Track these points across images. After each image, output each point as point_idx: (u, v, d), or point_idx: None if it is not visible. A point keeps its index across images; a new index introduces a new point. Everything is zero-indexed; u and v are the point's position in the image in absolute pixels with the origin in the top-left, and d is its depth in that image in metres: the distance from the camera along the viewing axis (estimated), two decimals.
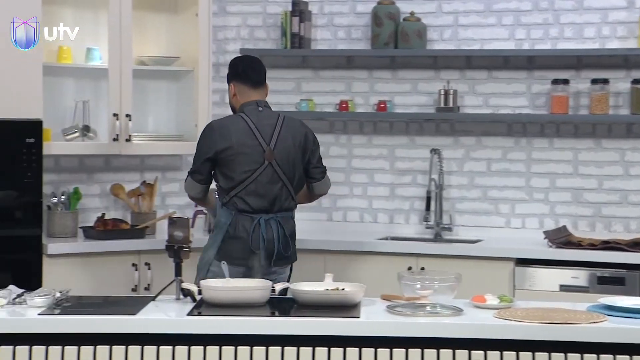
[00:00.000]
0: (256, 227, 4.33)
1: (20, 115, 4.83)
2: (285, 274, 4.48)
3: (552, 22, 5.39)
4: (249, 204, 4.34)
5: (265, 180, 4.34)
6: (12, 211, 4.83)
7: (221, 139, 4.33)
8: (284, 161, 4.38)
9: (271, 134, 4.37)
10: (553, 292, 4.88)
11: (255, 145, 4.34)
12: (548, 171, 5.43)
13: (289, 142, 4.40)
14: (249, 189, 4.33)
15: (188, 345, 3.31)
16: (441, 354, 3.28)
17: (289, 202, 4.43)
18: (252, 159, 4.33)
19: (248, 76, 4.46)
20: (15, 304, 3.53)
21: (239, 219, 4.34)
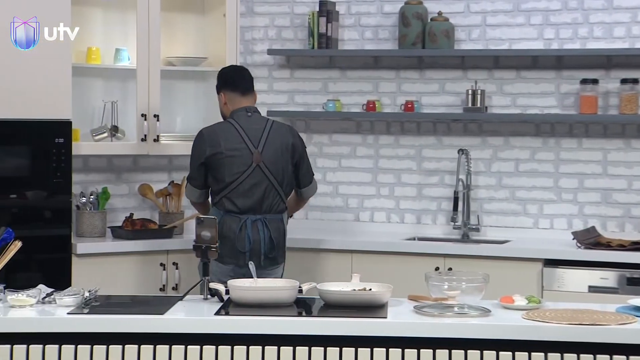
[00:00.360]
0: (242, 228, 4.55)
1: (50, 115, 4.87)
2: (277, 274, 4.66)
3: (581, 21, 5.36)
4: (236, 204, 4.55)
5: (253, 182, 4.56)
6: (42, 211, 4.87)
7: (211, 144, 4.58)
8: (272, 164, 4.59)
9: (259, 138, 4.60)
10: (582, 293, 4.85)
11: (243, 149, 4.57)
12: (577, 171, 5.39)
13: (277, 146, 4.61)
14: (237, 191, 4.55)
15: (215, 345, 3.32)
16: (469, 355, 3.27)
17: (277, 204, 4.63)
18: (241, 162, 4.56)
19: (237, 84, 4.72)
20: (45, 303, 3.56)
21: (226, 219, 4.55)
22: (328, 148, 5.76)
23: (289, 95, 5.81)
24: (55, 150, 4.87)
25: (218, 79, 4.81)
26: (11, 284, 3.77)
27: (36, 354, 3.33)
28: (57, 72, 4.85)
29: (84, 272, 4.89)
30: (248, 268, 4.34)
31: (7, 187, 4.79)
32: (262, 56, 5.81)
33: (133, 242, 5.12)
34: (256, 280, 3.71)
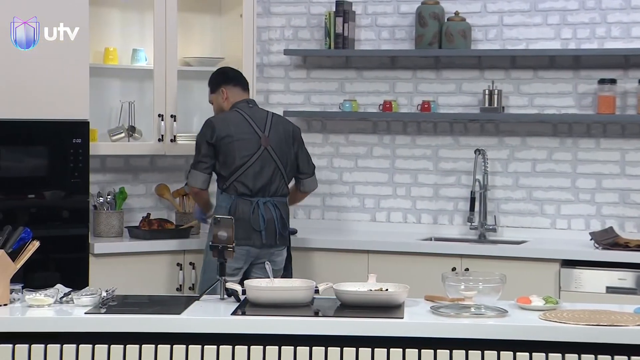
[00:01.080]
0: (255, 209, 4.73)
1: (68, 116, 4.89)
2: (283, 255, 4.84)
3: (599, 21, 5.34)
4: (247, 186, 4.75)
5: (262, 164, 4.77)
6: (60, 211, 4.89)
7: (220, 128, 4.77)
8: (278, 148, 4.83)
9: (264, 124, 4.84)
10: (599, 294, 4.83)
11: (251, 132, 4.79)
12: (594, 172, 5.37)
13: (280, 132, 4.86)
14: (248, 173, 4.75)
15: (232, 344, 3.33)
16: (486, 356, 3.26)
17: (283, 187, 4.85)
18: (250, 145, 4.77)
19: (238, 80, 4.98)
20: (63, 302, 3.58)
21: (238, 202, 4.73)
22: (344, 148, 5.76)
23: (305, 96, 5.81)
24: (72, 151, 4.89)
25: (218, 77, 5.01)
26: (29, 283, 3.79)
27: (54, 353, 3.34)
28: (74, 72, 4.87)
29: (101, 272, 4.91)
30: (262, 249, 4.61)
31: (25, 187, 4.81)
32: (278, 56, 5.81)
33: (150, 242, 5.14)
34: (272, 280, 3.71)
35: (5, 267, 3.52)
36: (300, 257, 5.26)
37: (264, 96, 5.80)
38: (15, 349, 3.34)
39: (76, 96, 4.89)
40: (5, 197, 4.75)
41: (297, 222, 5.70)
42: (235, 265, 4.67)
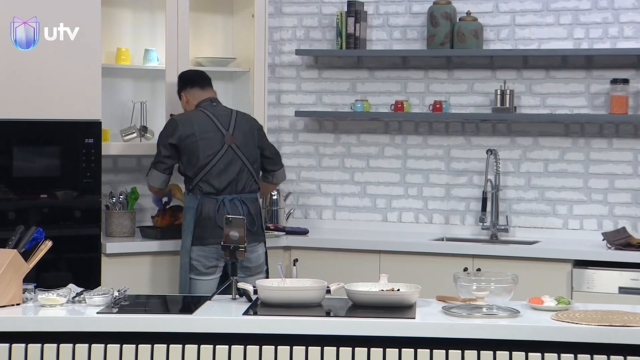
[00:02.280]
0: (221, 207, 4.74)
1: (80, 116, 4.90)
2: (258, 252, 4.83)
3: (611, 21, 5.32)
4: (213, 185, 4.76)
5: (227, 162, 4.78)
6: (72, 211, 4.90)
7: (184, 127, 4.80)
8: (243, 144, 4.85)
9: (228, 122, 4.86)
10: (612, 295, 4.81)
11: (215, 131, 4.81)
12: (607, 172, 5.35)
13: (245, 129, 4.89)
14: (213, 172, 4.76)
15: (244, 344, 3.33)
16: (498, 356, 3.26)
17: (251, 183, 4.86)
18: (213, 143, 4.79)
19: (195, 80, 4.98)
20: (75, 302, 3.59)
21: (204, 201, 4.76)
22: (356, 148, 5.76)
23: (317, 96, 5.81)
24: (85, 151, 4.90)
25: (178, 83, 5.04)
26: (41, 283, 3.80)
27: (66, 353, 3.35)
28: (87, 72, 4.88)
29: (113, 272, 4.92)
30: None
31: (37, 187, 4.82)
32: (290, 56, 5.81)
33: (161, 241, 5.14)
34: (284, 280, 3.71)
35: (17, 267, 3.53)
36: (312, 257, 5.26)
37: (275, 96, 5.81)
38: (28, 349, 3.35)
39: (88, 96, 4.90)
40: (18, 197, 4.77)
41: (309, 222, 5.71)
42: (208, 263, 4.70)
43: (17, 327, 3.38)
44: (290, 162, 5.77)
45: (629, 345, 3.22)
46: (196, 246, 4.74)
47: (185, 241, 4.80)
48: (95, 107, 4.92)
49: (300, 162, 5.82)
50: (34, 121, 4.78)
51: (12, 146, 4.76)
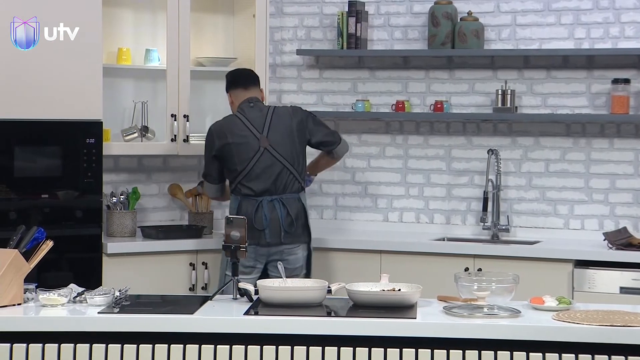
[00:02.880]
0: (259, 208, 4.77)
1: (81, 116, 4.90)
2: (298, 254, 4.82)
3: (612, 20, 5.32)
4: (251, 188, 4.79)
5: (265, 165, 4.79)
6: (73, 211, 4.90)
7: (219, 138, 4.83)
8: (280, 145, 4.82)
9: (263, 124, 4.83)
10: (613, 295, 4.81)
11: (249, 135, 4.81)
12: (608, 172, 5.35)
13: (281, 129, 4.84)
14: (250, 175, 4.79)
15: (245, 344, 3.33)
16: (499, 356, 3.26)
17: (292, 183, 4.84)
18: (249, 148, 4.80)
19: (238, 81, 4.98)
20: (76, 302, 3.59)
21: (243, 202, 4.80)
22: (357, 148, 5.76)
23: (318, 96, 5.81)
24: (86, 151, 4.91)
25: (225, 84, 5.04)
26: (43, 283, 3.81)
27: (67, 353, 3.35)
28: (88, 72, 4.89)
29: (114, 272, 4.92)
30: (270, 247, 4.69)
31: (38, 187, 4.83)
32: (291, 56, 5.82)
33: (163, 242, 5.15)
34: (285, 280, 3.71)
35: (19, 267, 3.53)
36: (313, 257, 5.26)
37: (276, 96, 5.81)
38: (29, 349, 3.35)
39: (89, 96, 4.90)
40: (19, 197, 4.77)
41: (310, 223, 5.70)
42: (246, 263, 4.70)
43: (18, 327, 3.38)
44: None
45: (630, 345, 3.22)
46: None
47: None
48: (97, 107, 4.93)
49: None
50: (35, 121, 4.79)
51: (13, 146, 4.76)
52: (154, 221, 5.52)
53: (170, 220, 5.60)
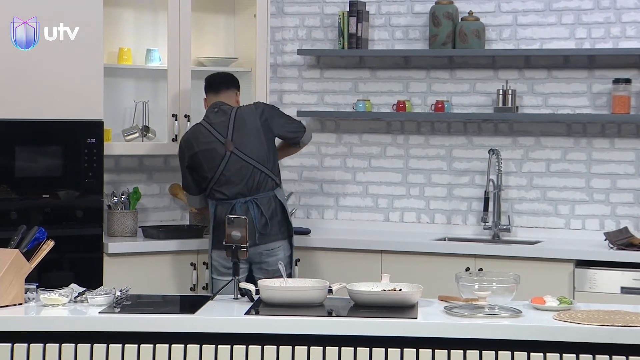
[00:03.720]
0: (232, 211, 4.77)
1: (82, 116, 4.90)
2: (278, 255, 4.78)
3: (613, 20, 5.32)
4: (223, 192, 4.81)
5: (235, 168, 4.80)
6: (74, 211, 4.90)
7: (187, 149, 4.87)
8: (247, 146, 4.82)
9: (226, 127, 4.83)
10: (614, 295, 4.81)
11: (214, 142, 4.82)
12: (609, 172, 5.35)
13: (246, 129, 4.83)
14: (220, 181, 4.81)
15: (246, 344, 3.33)
16: (500, 356, 3.26)
17: (265, 182, 4.84)
18: (215, 154, 4.82)
19: (210, 85, 5.00)
20: (77, 302, 3.59)
21: (218, 206, 4.83)
22: (358, 148, 5.76)
23: (318, 96, 5.81)
24: (87, 151, 4.91)
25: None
26: (44, 283, 3.81)
27: (68, 352, 3.35)
28: (89, 72, 4.89)
29: (115, 272, 4.92)
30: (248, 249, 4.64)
31: (39, 187, 4.83)
32: (292, 56, 5.82)
33: (163, 242, 5.15)
34: (286, 280, 3.71)
35: (20, 267, 3.53)
36: (314, 257, 5.26)
37: (277, 96, 5.81)
38: (30, 348, 3.36)
39: (90, 96, 4.90)
40: (20, 197, 4.77)
41: (311, 222, 5.71)
42: (227, 264, 4.72)
43: (19, 327, 3.39)
44: (292, 162, 5.77)
45: (631, 345, 3.22)
46: (215, 249, 4.79)
47: (208, 243, 4.90)
48: (98, 107, 4.93)
49: (302, 162, 5.82)
50: (36, 121, 4.79)
51: (14, 146, 4.76)
52: (154, 221, 5.52)
53: (171, 220, 5.60)
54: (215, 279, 4.82)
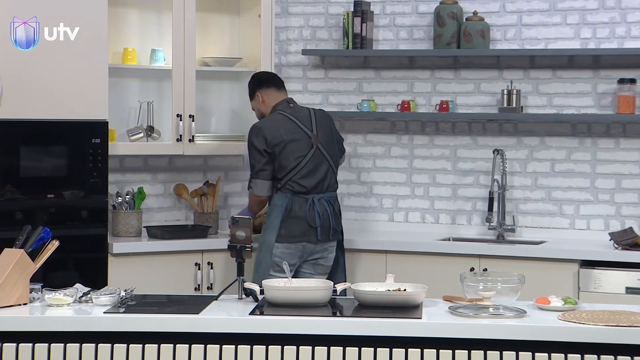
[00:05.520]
0: (311, 206, 4.81)
1: (87, 116, 4.91)
2: (333, 252, 4.90)
3: (618, 20, 5.31)
4: (303, 185, 4.83)
5: (315, 163, 4.86)
6: (79, 211, 4.91)
7: (272, 134, 4.82)
8: (326, 144, 4.94)
9: (310, 122, 4.92)
10: (619, 295, 4.81)
11: (301, 133, 4.87)
12: (614, 172, 5.35)
13: (326, 129, 4.97)
14: (302, 172, 4.83)
15: (250, 344, 3.33)
16: (504, 356, 3.25)
17: (333, 182, 4.97)
18: (302, 146, 4.85)
19: (272, 81, 5.03)
20: (82, 302, 3.59)
21: (295, 200, 4.81)
22: (362, 148, 5.76)
23: (323, 96, 5.81)
24: (91, 151, 4.91)
25: (251, 83, 5.05)
26: (48, 283, 3.81)
27: (73, 352, 3.36)
28: (93, 73, 4.89)
29: (120, 272, 4.92)
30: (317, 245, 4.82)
31: (44, 187, 4.83)
32: (296, 56, 5.82)
33: (168, 241, 5.15)
34: (290, 280, 3.71)
35: (24, 267, 3.54)
36: None
37: None
38: (35, 348, 3.36)
39: (95, 96, 4.91)
40: (25, 197, 4.78)
41: None
42: (291, 261, 4.73)
43: (24, 327, 3.39)
44: None
45: (636, 345, 3.21)
46: (281, 243, 4.79)
47: (269, 238, 4.83)
48: (102, 107, 4.93)
49: None
50: (41, 121, 4.80)
51: (19, 146, 4.77)
52: (159, 221, 5.53)
53: (176, 220, 5.61)
54: (274, 275, 4.73)
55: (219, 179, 5.62)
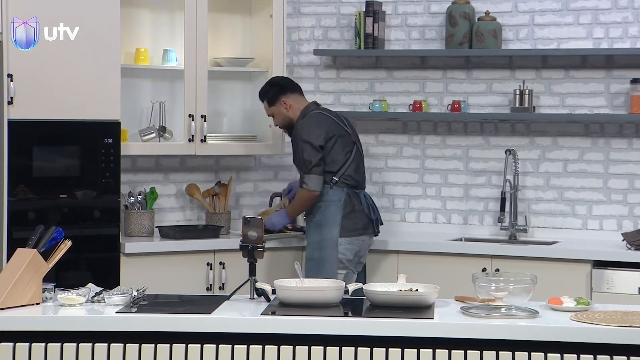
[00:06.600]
0: (363, 200, 5.00)
1: (99, 116, 4.92)
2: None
3: (631, 20, 5.30)
4: (355, 179, 5.00)
5: (358, 159, 5.06)
6: (91, 211, 4.92)
7: (326, 131, 4.94)
8: (359, 143, 5.12)
9: (344, 121, 5.08)
10: (632, 295, 4.79)
11: (343, 129, 5.03)
12: (627, 172, 5.33)
13: (354, 129, 5.14)
14: (351, 167, 5.00)
15: (262, 344, 3.33)
16: (516, 357, 3.25)
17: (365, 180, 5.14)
18: (348, 141, 5.02)
19: (294, 86, 5.13)
20: (94, 302, 3.60)
21: (351, 194, 4.95)
22: (374, 148, 5.76)
23: (335, 96, 5.81)
24: (104, 151, 4.92)
25: (272, 90, 5.07)
26: (61, 282, 3.82)
27: (85, 352, 3.37)
28: (106, 73, 4.91)
29: (132, 272, 4.93)
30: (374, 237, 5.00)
31: (57, 187, 4.85)
32: (308, 56, 5.82)
33: (180, 241, 5.16)
34: (302, 280, 3.71)
35: (37, 267, 3.55)
36: None
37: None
38: (48, 348, 3.37)
39: (108, 97, 4.92)
40: (38, 197, 4.79)
41: None
42: (351, 257, 4.88)
43: (36, 327, 3.40)
44: None
45: None
46: (345, 238, 4.87)
47: (331, 234, 4.86)
48: (115, 108, 4.94)
49: None
50: (54, 121, 4.81)
51: (32, 146, 4.78)
52: (171, 221, 5.54)
53: (188, 220, 5.62)
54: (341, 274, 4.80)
55: (230, 179, 5.63)
